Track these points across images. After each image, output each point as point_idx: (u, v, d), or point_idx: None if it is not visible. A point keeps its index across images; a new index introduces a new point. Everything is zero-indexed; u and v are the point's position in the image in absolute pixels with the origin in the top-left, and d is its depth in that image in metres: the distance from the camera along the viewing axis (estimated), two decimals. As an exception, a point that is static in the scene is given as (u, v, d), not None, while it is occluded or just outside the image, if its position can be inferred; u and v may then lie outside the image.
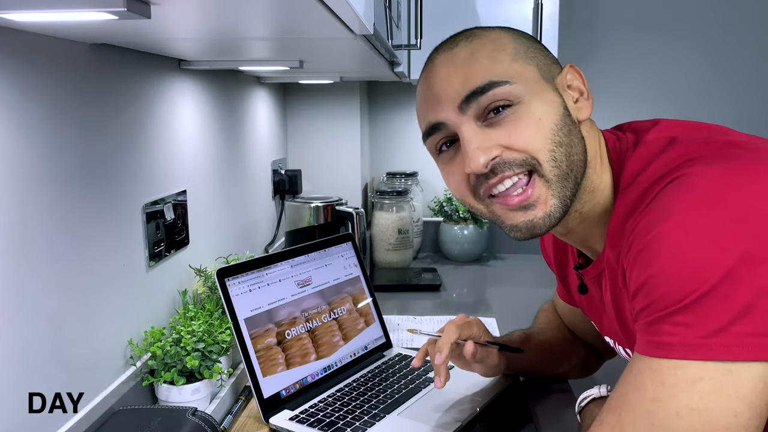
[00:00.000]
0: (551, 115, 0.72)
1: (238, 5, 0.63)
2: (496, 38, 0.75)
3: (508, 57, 0.74)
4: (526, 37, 0.78)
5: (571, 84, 0.77)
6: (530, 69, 0.74)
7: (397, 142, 2.29)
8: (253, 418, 1.04)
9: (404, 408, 1.03)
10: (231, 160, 1.52)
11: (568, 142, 0.72)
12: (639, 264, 0.64)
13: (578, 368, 1.10)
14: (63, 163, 0.84)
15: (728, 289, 0.57)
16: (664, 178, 0.67)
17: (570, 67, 0.78)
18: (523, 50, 0.75)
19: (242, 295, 1.05)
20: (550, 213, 0.73)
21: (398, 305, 1.64)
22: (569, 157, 0.72)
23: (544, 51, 0.78)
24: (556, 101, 0.74)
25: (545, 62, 0.76)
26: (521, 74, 0.73)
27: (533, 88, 0.73)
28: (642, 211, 0.67)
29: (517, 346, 1.04)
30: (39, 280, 0.80)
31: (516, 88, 0.72)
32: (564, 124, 0.73)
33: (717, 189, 0.62)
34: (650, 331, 0.62)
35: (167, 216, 1.14)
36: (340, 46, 0.99)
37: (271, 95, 1.89)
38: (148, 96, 1.09)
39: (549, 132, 0.72)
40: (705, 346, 0.58)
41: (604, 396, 0.91)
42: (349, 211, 1.65)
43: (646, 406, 0.60)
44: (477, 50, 0.74)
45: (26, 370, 0.78)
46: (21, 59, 0.76)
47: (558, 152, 0.72)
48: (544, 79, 0.74)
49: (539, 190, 0.72)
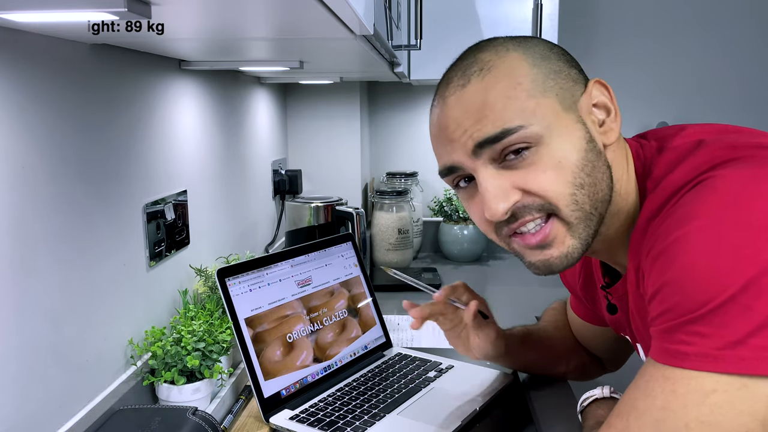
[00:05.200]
0: (572, 154, 0.68)
1: (239, 5, 0.63)
2: (511, 69, 0.69)
3: (524, 93, 0.68)
4: (545, 53, 0.71)
5: (597, 102, 0.71)
6: (549, 102, 0.68)
7: (397, 142, 2.29)
8: (253, 417, 1.04)
9: (404, 408, 1.03)
10: (231, 160, 1.52)
11: (591, 181, 0.68)
12: (657, 268, 0.61)
13: (576, 372, 1.09)
14: (64, 163, 0.85)
15: (749, 299, 0.55)
16: (690, 182, 0.64)
17: (596, 83, 0.72)
18: (542, 79, 0.69)
19: (242, 294, 1.05)
20: (568, 253, 0.71)
21: (398, 305, 1.63)
22: (593, 196, 0.69)
23: (565, 68, 0.71)
24: (578, 134, 0.69)
25: (567, 85, 0.70)
26: (539, 112, 0.67)
27: (552, 124, 0.68)
28: (664, 214, 0.64)
29: (518, 340, 1.03)
30: (39, 280, 0.80)
31: (532, 130, 0.67)
32: (587, 161, 0.68)
33: (741, 194, 0.59)
34: (665, 338, 0.60)
35: (168, 216, 1.14)
36: (340, 47, 0.99)
37: (271, 95, 1.89)
38: (149, 96, 1.09)
39: (570, 175, 0.68)
40: (721, 358, 0.56)
41: (607, 397, 0.91)
42: (349, 211, 1.65)
43: (655, 415, 0.59)
44: (489, 89, 0.68)
45: (26, 370, 0.78)
46: (22, 59, 0.76)
47: (579, 195, 0.68)
48: (565, 109, 0.69)
49: (557, 230, 0.70)
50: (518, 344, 1.04)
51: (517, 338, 1.04)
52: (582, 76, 0.72)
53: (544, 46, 0.72)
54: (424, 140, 2.26)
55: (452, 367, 1.18)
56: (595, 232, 0.71)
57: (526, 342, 1.05)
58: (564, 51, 0.74)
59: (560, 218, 0.69)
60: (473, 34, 1.72)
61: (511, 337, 1.03)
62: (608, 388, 0.91)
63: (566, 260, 0.71)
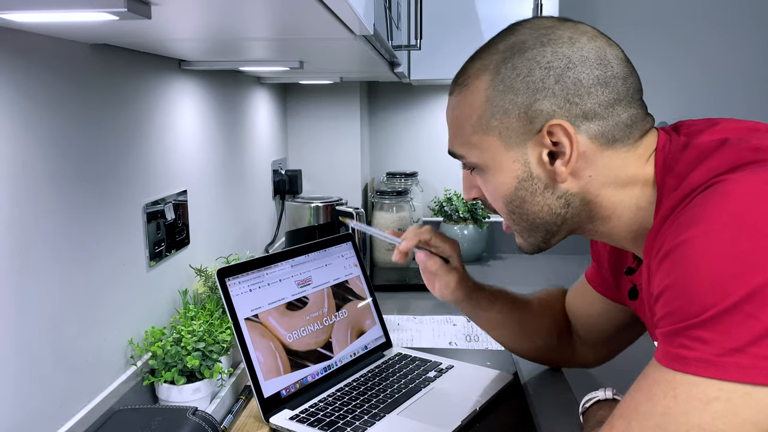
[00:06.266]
0: (503, 188, 0.75)
1: (238, 5, 0.63)
2: (471, 98, 0.75)
3: (470, 128, 0.75)
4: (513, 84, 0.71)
5: (557, 141, 0.71)
6: (489, 140, 0.74)
7: (397, 142, 2.29)
8: (253, 417, 1.04)
9: (404, 408, 1.03)
10: (231, 160, 1.52)
11: (522, 211, 0.76)
12: (663, 270, 0.61)
13: (539, 352, 1.09)
14: (64, 163, 0.84)
15: (753, 308, 0.54)
16: (704, 184, 0.64)
17: (551, 126, 0.70)
18: (488, 117, 0.73)
19: (242, 294, 1.05)
20: (520, 245, 0.82)
21: (398, 305, 1.64)
22: (527, 220, 0.77)
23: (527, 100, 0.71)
24: (512, 174, 0.74)
25: (514, 125, 0.72)
26: (479, 146, 0.75)
27: (489, 160, 0.75)
28: (675, 215, 0.64)
29: (486, 296, 1.04)
30: (40, 280, 0.80)
31: (472, 161, 0.77)
32: (516, 197, 0.75)
33: (752, 200, 0.58)
34: (667, 341, 0.60)
35: (168, 216, 1.14)
36: (340, 47, 0.99)
37: (271, 95, 1.89)
38: (149, 96, 1.09)
39: (501, 201, 0.77)
40: (720, 365, 0.55)
41: (609, 398, 0.91)
42: (349, 211, 1.65)
43: (656, 419, 0.59)
44: (453, 110, 0.78)
45: (26, 370, 0.78)
46: (22, 59, 0.76)
47: (514, 216, 0.77)
48: (507, 147, 0.73)
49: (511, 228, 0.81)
50: (485, 300, 1.04)
51: (485, 294, 1.04)
52: (549, 110, 0.70)
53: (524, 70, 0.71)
54: (424, 140, 2.26)
55: (452, 367, 1.18)
56: (546, 239, 0.79)
57: (497, 302, 1.04)
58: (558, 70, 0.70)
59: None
60: (473, 34, 1.72)
61: (478, 291, 1.04)
62: (611, 390, 0.91)
63: (524, 251, 0.82)
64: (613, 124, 0.71)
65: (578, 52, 0.71)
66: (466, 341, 1.38)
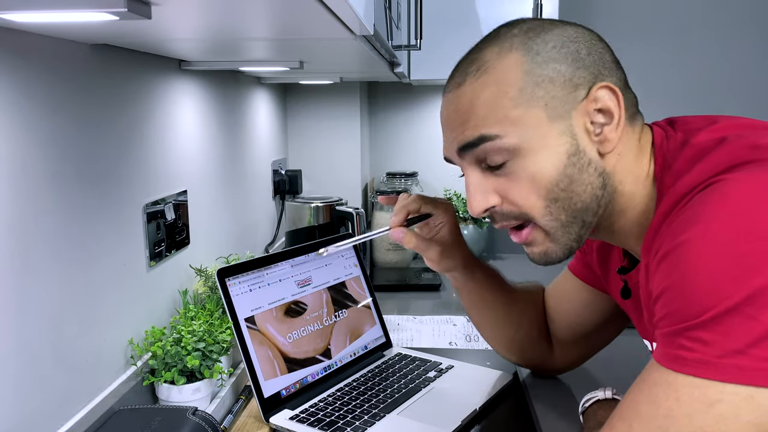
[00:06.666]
0: (548, 168, 0.68)
1: (238, 5, 0.63)
2: (503, 75, 0.69)
3: (510, 102, 0.68)
4: (551, 55, 0.69)
5: (601, 107, 0.69)
6: (533, 113, 0.68)
7: (397, 142, 2.29)
8: (253, 417, 1.04)
9: (404, 408, 1.03)
10: (231, 160, 1.52)
11: (567, 195, 0.69)
12: (661, 271, 0.61)
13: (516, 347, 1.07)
14: (64, 163, 0.85)
15: (754, 310, 0.54)
16: (702, 184, 0.63)
17: (600, 88, 0.69)
18: (531, 88, 0.68)
19: (242, 294, 1.05)
20: (548, 253, 0.74)
21: (398, 305, 1.64)
22: (570, 207, 0.70)
23: (569, 70, 0.69)
24: (560, 148, 0.68)
25: (560, 93, 0.68)
26: (520, 122, 0.68)
27: (532, 136, 0.68)
28: (673, 215, 0.64)
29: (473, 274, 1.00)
30: (39, 280, 0.80)
31: (509, 140, 0.68)
32: (564, 176, 0.69)
33: (751, 200, 0.57)
34: (667, 342, 0.59)
35: (168, 216, 1.14)
36: (340, 47, 0.99)
37: (271, 95, 1.89)
38: (149, 96, 1.09)
39: (543, 190, 0.69)
40: (720, 367, 0.55)
41: (609, 398, 0.91)
42: (349, 211, 1.65)
43: (658, 422, 0.58)
44: (478, 93, 0.70)
45: (26, 370, 0.78)
46: (22, 59, 0.76)
47: (554, 207, 0.70)
48: (551, 120, 0.68)
49: (535, 234, 0.73)
50: (480, 273, 1.02)
51: (473, 270, 1.01)
52: (590, 77, 0.70)
53: (557, 42, 0.70)
54: (424, 140, 2.26)
55: (452, 367, 1.18)
56: (579, 235, 0.73)
57: (484, 282, 1.02)
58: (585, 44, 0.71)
59: (537, 226, 0.72)
60: (473, 34, 1.71)
61: (468, 266, 1.00)
62: (610, 390, 0.91)
63: (546, 258, 0.74)
64: (630, 99, 0.73)
65: (590, 34, 0.72)
66: (466, 341, 1.38)
